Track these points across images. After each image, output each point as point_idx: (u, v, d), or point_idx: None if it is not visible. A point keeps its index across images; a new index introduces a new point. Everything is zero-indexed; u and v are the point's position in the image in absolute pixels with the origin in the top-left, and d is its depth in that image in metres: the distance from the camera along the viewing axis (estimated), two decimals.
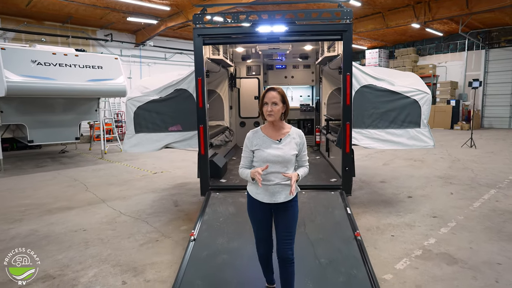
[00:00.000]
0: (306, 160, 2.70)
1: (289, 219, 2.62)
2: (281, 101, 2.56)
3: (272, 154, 2.54)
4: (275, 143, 2.58)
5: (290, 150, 2.57)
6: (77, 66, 8.83)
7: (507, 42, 19.12)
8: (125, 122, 15.83)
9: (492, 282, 3.29)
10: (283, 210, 2.61)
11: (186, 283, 3.05)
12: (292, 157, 2.58)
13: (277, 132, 2.62)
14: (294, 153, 2.59)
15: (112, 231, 4.78)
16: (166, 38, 18.25)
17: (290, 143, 2.59)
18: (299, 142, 2.62)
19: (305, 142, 2.67)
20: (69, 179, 8.11)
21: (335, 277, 3.08)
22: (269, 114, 2.54)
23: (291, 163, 2.58)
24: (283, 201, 2.59)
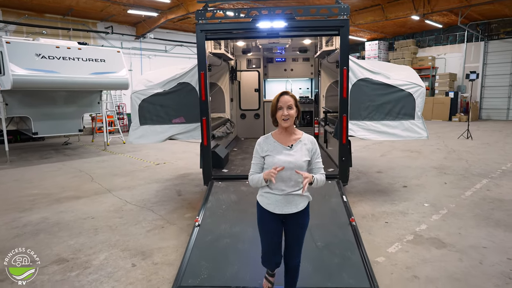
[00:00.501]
0: (321, 168, 2.55)
1: (300, 229, 2.56)
2: (295, 105, 2.46)
3: (283, 160, 2.42)
4: (286, 149, 2.48)
5: (301, 156, 2.46)
6: (80, 59, 8.98)
7: (506, 34, 19.18)
8: (126, 114, 16.03)
9: (476, 263, 3.53)
10: (295, 220, 2.53)
11: (192, 264, 3.28)
12: (304, 163, 2.46)
13: (289, 138, 2.52)
14: (306, 159, 2.48)
15: (120, 219, 5.01)
16: (166, 30, 18.30)
17: (301, 149, 2.48)
18: (311, 148, 2.51)
19: (318, 149, 2.55)
20: (74, 170, 8.33)
21: (330, 259, 3.31)
22: (284, 119, 2.42)
23: (303, 170, 2.43)
24: (297, 211, 2.50)
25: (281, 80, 9.04)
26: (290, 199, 2.47)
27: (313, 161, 2.52)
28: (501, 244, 3.96)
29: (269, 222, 2.54)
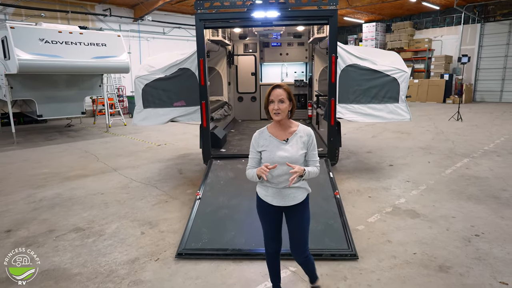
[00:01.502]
0: (316, 160, 2.50)
1: (301, 222, 2.54)
2: (287, 99, 2.39)
3: (279, 155, 2.39)
4: (282, 143, 2.44)
5: (297, 150, 2.42)
6: (82, 43, 9.25)
7: (502, 16, 19.30)
8: (126, 96, 16.31)
9: (443, 230, 4.02)
10: (295, 213, 2.52)
11: (194, 231, 3.76)
12: (300, 157, 2.43)
13: (284, 131, 2.47)
14: (302, 152, 2.43)
15: (127, 194, 5.47)
16: (164, 13, 18.34)
17: (297, 142, 2.43)
18: (306, 141, 2.45)
19: (314, 141, 2.49)
20: (79, 150, 8.75)
21: (315, 226, 3.78)
22: (275, 113, 2.37)
23: (299, 163, 2.41)
24: (295, 203, 2.49)
25: (277, 64, 9.35)
26: (287, 192, 2.45)
27: (309, 153, 2.47)
28: (468, 214, 4.45)
29: (268, 213, 2.56)
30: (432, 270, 3.22)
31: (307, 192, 2.57)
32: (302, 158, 2.45)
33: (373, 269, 3.26)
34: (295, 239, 2.60)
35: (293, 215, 2.55)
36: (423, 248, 3.62)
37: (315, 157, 2.51)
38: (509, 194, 5.14)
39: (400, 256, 3.48)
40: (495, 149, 8.03)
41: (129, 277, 3.22)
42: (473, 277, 3.10)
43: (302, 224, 2.55)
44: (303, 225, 2.56)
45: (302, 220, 2.55)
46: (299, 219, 2.54)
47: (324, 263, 3.36)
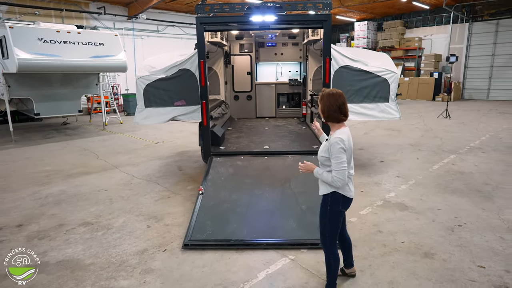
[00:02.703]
0: (334, 169, 2.60)
1: (320, 213, 2.84)
2: (319, 102, 2.72)
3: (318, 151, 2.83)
4: (325, 141, 2.79)
5: (321, 152, 2.74)
6: (80, 43, 9.38)
7: (490, 16, 19.81)
8: (121, 94, 16.42)
9: (429, 221, 4.34)
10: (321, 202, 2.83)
11: (199, 224, 4.02)
12: (322, 158, 2.71)
13: (331, 132, 2.76)
14: (323, 155, 2.69)
15: (130, 191, 5.70)
16: (158, 11, 18.42)
17: (324, 145, 2.73)
18: (328, 147, 2.66)
19: (335, 150, 2.58)
20: (79, 148, 8.92)
21: (312, 218, 4.06)
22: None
23: (323, 164, 2.72)
24: (320, 194, 2.82)
25: (272, 64, 9.60)
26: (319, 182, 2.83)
27: (331, 159, 2.64)
28: (453, 206, 4.79)
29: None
30: (418, 257, 3.53)
31: (327, 190, 2.74)
32: (323, 160, 2.72)
33: (365, 256, 3.56)
34: None
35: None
36: (411, 237, 3.94)
37: (334, 166, 2.60)
38: (490, 188, 5.49)
39: (389, 245, 3.78)
40: (480, 145, 8.41)
41: (140, 266, 3.46)
42: (454, 262, 3.42)
43: (320, 215, 2.85)
44: (320, 216, 2.85)
45: (320, 212, 2.83)
46: (320, 210, 2.84)
47: (320, 251, 3.61)
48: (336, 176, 2.59)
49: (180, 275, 3.31)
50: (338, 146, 2.57)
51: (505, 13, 19.29)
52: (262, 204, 4.39)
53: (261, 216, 4.21)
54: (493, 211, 4.61)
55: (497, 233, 4.01)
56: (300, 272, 3.32)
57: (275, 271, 3.34)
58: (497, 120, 12.28)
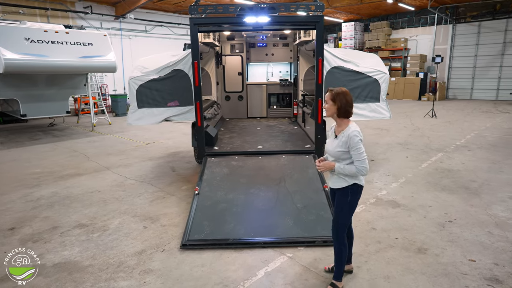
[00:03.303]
0: (356, 160, 2.75)
1: (336, 204, 2.98)
2: (331, 100, 2.82)
3: (327, 147, 2.99)
4: (333, 138, 2.92)
5: (336, 147, 2.84)
6: (68, 43, 9.24)
7: (472, 18, 20.35)
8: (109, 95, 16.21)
9: (421, 217, 4.47)
10: (337, 195, 2.97)
11: (196, 223, 4.04)
12: (339, 153, 2.82)
13: (338, 128, 2.89)
14: (340, 150, 2.81)
15: (123, 192, 5.66)
16: (145, 11, 18.26)
17: (339, 140, 2.83)
18: (345, 141, 2.77)
19: (354, 142, 2.72)
20: (68, 150, 8.79)
21: (307, 216, 4.14)
22: (324, 110, 2.95)
23: (340, 158, 2.83)
24: (336, 188, 2.93)
25: (263, 64, 9.66)
26: (331, 176, 2.98)
27: (350, 151, 2.78)
28: (443, 203, 4.93)
29: (331, 193, 3.14)
30: (412, 252, 3.64)
31: (347, 183, 2.86)
32: (341, 154, 2.83)
33: (361, 252, 3.64)
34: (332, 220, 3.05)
35: (335, 198, 3.01)
36: (404, 234, 4.05)
37: (356, 157, 2.75)
38: (477, 185, 5.68)
39: (384, 241, 3.88)
40: (466, 144, 8.66)
41: (139, 267, 3.47)
42: (447, 257, 3.53)
43: (336, 208, 2.99)
44: (336, 209, 2.99)
45: (337, 205, 2.98)
46: (336, 203, 3.00)
47: (317, 249, 3.72)
48: (361, 166, 2.76)
49: (180, 274, 3.32)
50: (357, 138, 2.75)
51: (487, 15, 19.86)
52: (258, 203, 4.44)
53: (257, 215, 4.26)
54: (481, 207, 4.77)
55: (486, 228, 4.16)
56: (299, 269, 3.38)
57: (274, 268, 3.39)
58: (481, 119, 12.65)
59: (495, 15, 19.62)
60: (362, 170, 2.77)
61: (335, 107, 2.83)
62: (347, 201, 2.91)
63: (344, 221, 2.98)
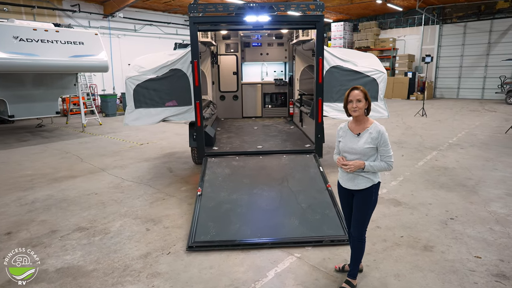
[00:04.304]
0: (386, 156, 2.77)
1: (360, 204, 2.90)
2: (364, 98, 2.77)
3: (348, 146, 2.85)
4: (354, 136, 2.84)
5: (364, 143, 2.78)
6: (59, 42, 9.02)
7: (458, 18, 20.78)
8: (99, 95, 15.91)
9: (423, 215, 4.52)
10: (358, 196, 2.90)
11: (201, 225, 3.98)
12: (367, 150, 2.78)
13: (359, 126, 2.85)
14: (368, 146, 2.77)
15: (122, 194, 5.55)
16: (135, 9, 18.01)
17: (366, 137, 2.78)
18: (375, 137, 2.75)
19: (384, 138, 2.75)
20: (59, 151, 8.58)
21: (313, 216, 4.14)
22: (354, 110, 2.78)
23: (367, 155, 2.79)
24: (358, 189, 2.85)
25: (257, 64, 9.63)
26: (352, 177, 2.87)
27: (379, 148, 2.79)
28: (442, 201, 5.00)
29: (341, 192, 3.08)
30: (419, 250, 3.67)
31: (372, 182, 2.85)
32: (369, 151, 2.80)
33: (368, 251, 3.64)
34: (353, 220, 2.99)
35: (356, 198, 2.94)
36: (408, 232, 4.08)
37: (386, 152, 2.79)
38: (474, 182, 5.78)
39: (389, 239, 3.91)
40: (458, 142, 8.82)
41: (146, 270, 3.39)
42: (453, 254, 3.58)
43: (360, 208, 2.91)
44: (360, 209, 2.92)
45: (361, 205, 2.91)
46: (359, 203, 2.92)
47: (325, 248, 3.72)
48: (390, 161, 2.80)
49: (189, 277, 3.27)
50: (386, 134, 2.80)
51: (472, 16, 20.31)
52: (262, 203, 4.40)
53: (262, 215, 4.23)
54: (480, 204, 4.86)
55: (487, 224, 4.23)
56: (309, 269, 3.37)
57: (284, 269, 3.37)
58: (470, 118, 12.91)
59: (480, 16, 20.07)
60: (392, 165, 2.82)
61: (366, 105, 2.83)
62: (372, 200, 2.91)
63: (368, 221, 3.00)
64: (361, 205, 2.93)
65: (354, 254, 3.07)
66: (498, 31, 19.61)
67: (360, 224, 2.98)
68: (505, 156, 7.39)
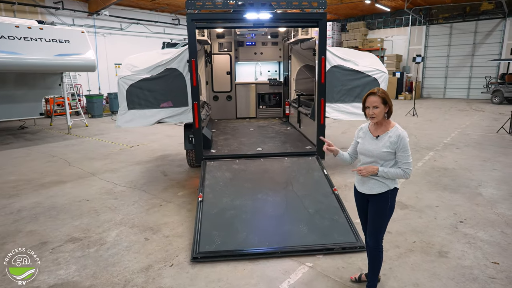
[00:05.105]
0: (404, 162, 2.62)
1: (375, 210, 2.77)
2: (382, 103, 2.62)
3: (365, 148, 2.73)
4: (373, 139, 2.72)
5: (382, 147, 2.64)
6: (43, 39, 8.58)
7: (444, 19, 21.07)
8: (84, 96, 15.39)
9: (432, 218, 4.41)
10: (373, 202, 2.77)
11: (205, 234, 3.75)
12: (384, 154, 2.64)
13: (379, 129, 2.72)
14: (386, 150, 2.63)
15: (115, 200, 5.25)
16: (121, 7, 17.51)
17: (385, 140, 2.65)
18: (394, 141, 2.62)
19: (404, 143, 2.61)
20: (45, 155, 8.16)
21: (321, 222, 3.96)
22: (371, 116, 2.66)
23: (384, 159, 2.66)
24: (373, 193, 2.73)
25: (251, 63, 9.42)
26: (366, 181, 2.76)
27: (397, 153, 2.64)
28: (448, 203, 4.91)
29: (356, 197, 2.96)
30: (434, 256, 3.54)
31: (387, 187, 2.70)
32: (386, 155, 2.66)
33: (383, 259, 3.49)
34: (368, 227, 2.86)
35: (371, 204, 2.80)
36: (420, 237, 3.95)
37: (404, 159, 2.62)
38: (476, 183, 5.73)
39: (402, 245, 3.76)
40: (452, 142, 8.83)
41: (148, 285, 3.14)
42: (469, 260, 3.46)
43: (375, 214, 2.78)
44: (375, 216, 2.78)
45: (377, 211, 2.77)
46: (374, 209, 2.79)
47: (337, 256, 3.54)
48: (408, 168, 2.65)
49: None
50: (407, 139, 2.64)
51: (457, 17, 20.62)
52: (268, 209, 4.20)
53: (269, 222, 4.02)
54: (486, 206, 4.79)
55: (497, 227, 4.15)
56: (323, 280, 3.19)
57: (297, 280, 3.18)
58: (460, 117, 13.04)
59: (465, 17, 20.40)
60: (409, 173, 2.66)
61: (386, 109, 2.66)
62: (388, 206, 2.74)
63: (385, 228, 2.83)
64: (376, 211, 2.79)
65: (371, 264, 2.92)
66: (482, 32, 19.97)
67: (375, 232, 2.84)
68: (502, 156, 7.41)
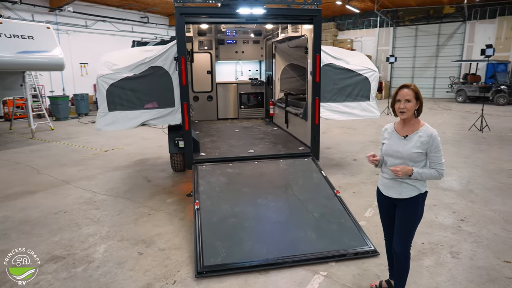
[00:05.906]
0: (437, 163, 2.47)
1: (401, 216, 2.60)
2: (414, 98, 2.45)
3: (392, 149, 2.56)
4: (400, 138, 2.54)
5: (412, 147, 2.47)
6: (3, 35, 7.78)
7: (410, 21, 21.86)
8: (48, 97, 14.35)
9: (433, 218, 4.37)
10: (401, 207, 2.60)
11: (207, 245, 3.43)
12: (414, 154, 2.47)
13: (407, 128, 2.54)
14: (416, 151, 2.46)
15: (97, 210, 4.79)
16: (85, 3, 16.55)
17: (415, 141, 2.48)
18: (425, 141, 2.45)
19: (436, 143, 2.44)
20: (8, 162, 7.41)
21: (329, 226, 3.78)
22: (401, 111, 2.47)
23: (414, 160, 2.48)
24: (402, 198, 2.57)
25: (232, 62, 9.13)
26: (394, 184, 2.58)
27: (429, 154, 2.48)
28: (444, 201, 4.92)
29: (380, 200, 2.78)
30: (446, 258, 3.46)
31: (418, 191, 2.54)
32: (416, 156, 2.48)
33: None
34: (396, 234, 2.67)
35: (399, 209, 2.62)
36: (427, 238, 3.88)
37: (437, 159, 2.47)
38: (465, 181, 5.82)
39: (412, 248, 3.59)
40: None
41: None
42: (481, 260, 3.41)
43: (404, 220, 2.60)
44: (405, 221, 2.60)
45: (405, 216, 2.59)
46: (403, 214, 2.60)
47: (350, 263, 3.37)
48: (441, 169, 2.49)
49: None
50: (439, 138, 2.47)
51: (422, 19, 21.47)
52: (270, 215, 3.96)
53: (274, 229, 3.78)
54: (481, 203, 4.84)
55: (497, 224, 4.17)
56: None
57: None
58: (430, 116, 13.48)
59: (429, 20, 21.28)
60: (443, 174, 2.51)
61: (417, 105, 2.49)
62: (418, 211, 2.58)
63: (413, 234, 2.66)
64: (405, 216, 2.61)
65: (398, 272, 2.75)
66: (445, 34, 20.93)
67: (404, 239, 2.66)
68: (479, 153, 7.65)
